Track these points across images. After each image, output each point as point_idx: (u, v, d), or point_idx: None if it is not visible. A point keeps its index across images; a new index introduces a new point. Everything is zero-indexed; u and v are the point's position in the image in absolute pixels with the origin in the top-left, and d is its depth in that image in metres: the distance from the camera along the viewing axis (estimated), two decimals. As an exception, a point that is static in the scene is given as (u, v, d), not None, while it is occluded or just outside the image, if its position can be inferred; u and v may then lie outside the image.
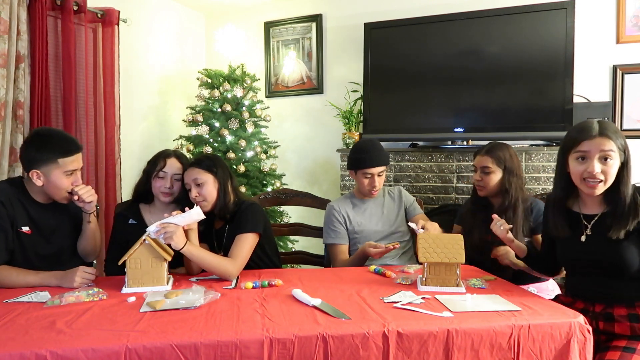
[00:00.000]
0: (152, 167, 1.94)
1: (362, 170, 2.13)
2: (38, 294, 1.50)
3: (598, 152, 1.41)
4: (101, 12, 3.02)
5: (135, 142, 3.46)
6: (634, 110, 2.93)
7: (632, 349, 1.36)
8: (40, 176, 1.68)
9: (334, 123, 3.63)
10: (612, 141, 1.40)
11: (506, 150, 2.04)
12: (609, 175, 1.41)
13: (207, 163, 1.91)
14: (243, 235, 1.82)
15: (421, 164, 3.14)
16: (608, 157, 1.40)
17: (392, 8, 3.44)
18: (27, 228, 1.70)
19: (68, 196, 1.74)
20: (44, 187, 1.71)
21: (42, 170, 1.67)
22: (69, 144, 1.73)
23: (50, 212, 1.78)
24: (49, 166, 1.67)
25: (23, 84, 2.53)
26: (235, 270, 1.72)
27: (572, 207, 1.56)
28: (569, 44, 2.77)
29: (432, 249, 1.59)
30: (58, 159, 1.67)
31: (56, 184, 1.69)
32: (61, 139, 1.75)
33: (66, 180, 1.71)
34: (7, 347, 1.09)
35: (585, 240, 1.49)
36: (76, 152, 1.73)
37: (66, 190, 1.72)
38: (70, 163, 1.70)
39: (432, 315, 1.31)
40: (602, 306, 1.48)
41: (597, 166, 1.41)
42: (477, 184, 2.07)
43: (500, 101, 2.95)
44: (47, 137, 1.72)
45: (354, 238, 2.19)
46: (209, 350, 1.14)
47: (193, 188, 1.87)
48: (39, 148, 1.68)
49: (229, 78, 3.44)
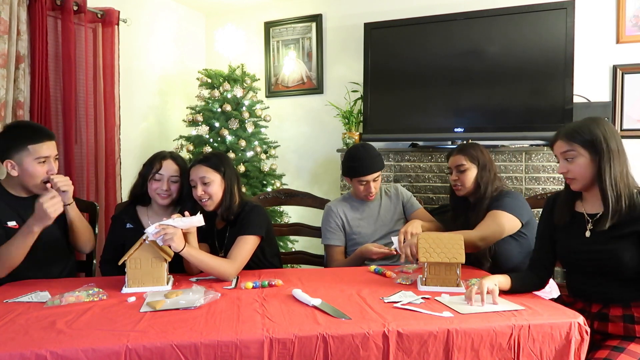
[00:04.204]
0: (147, 170, 1.93)
1: (357, 178, 2.13)
2: (38, 294, 1.51)
3: (559, 153, 1.52)
4: (101, 12, 3.02)
5: (135, 142, 3.46)
6: (634, 110, 2.93)
7: (622, 349, 1.37)
8: (14, 166, 1.72)
9: (334, 123, 3.63)
10: (568, 142, 1.48)
11: (477, 147, 2.09)
12: (576, 174, 1.48)
13: (216, 162, 1.89)
14: (244, 237, 1.81)
15: (421, 164, 3.14)
16: (569, 158, 1.49)
17: (392, 8, 3.44)
18: (13, 223, 1.73)
19: (43, 185, 1.76)
20: (19, 177, 1.74)
21: (15, 159, 1.71)
22: (37, 131, 1.78)
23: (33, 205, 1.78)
24: (21, 154, 1.71)
25: (23, 84, 2.53)
26: (233, 272, 1.72)
27: (576, 207, 1.57)
28: (569, 44, 2.77)
29: (432, 249, 1.59)
30: (27, 146, 1.71)
31: (30, 172, 1.73)
32: (30, 127, 1.82)
33: (39, 168, 1.73)
34: (7, 347, 1.09)
35: (586, 238, 1.50)
36: (46, 139, 1.76)
37: (40, 179, 1.74)
38: (41, 150, 1.73)
39: (432, 315, 1.31)
40: (599, 306, 1.48)
41: (562, 167, 1.52)
42: (454, 184, 2.08)
43: (500, 101, 2.94)
44: (17, 127, 1.81)
45: (352, 239, 2.19)
46: (209, 350, 1.14)
47: (199, 186, 1.85)
48: (10, 137, 1.74)
49: (229, 78, 3.44)
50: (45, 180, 1.75)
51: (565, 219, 1.56)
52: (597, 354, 1.38)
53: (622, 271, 1.43)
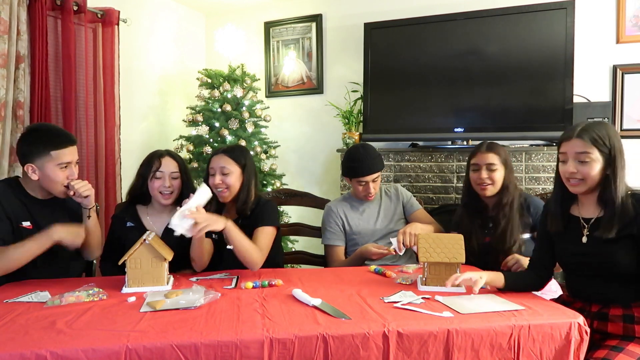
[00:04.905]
0: (147, 169, 1.93)
1: (357, 179, 2.13)
2: (38, 294, 1.50)
3: (573, 153, 1.46)
4: (101, 12, 3.02)
5: (135, 142, 3.46)
6: (634, 110, 2.93)
7: (621, 348, 1.37)
8: (35, 170, 1.70)
9: (334, 123, 3.63)
10: (588, 143, 1.43)
11: (502, 147, 2.06)
12: (587, 176, 1.44)
13: (238, 154, 1.92)
14: (264, 228, 1.85)
15: (421, 164, 3.14)
16: (583, 160, 1.44)
17: (392, 8, 3.44)
18: (28, 223, 1.72)
19: (64, 190, 1.75)
20: (40, 181, 1.73)
21: (37, 163, 1.70)
22: (60, 136, 1.76)
23: (49, 207, 1.79)
24: (43, 159, 1.69)
25: (23, 84, 2.53)
26: (260, 260, 1.77)
27: (572, 211, 1.57)
28: (569, 44, 2.77)
29: (432, 249, 1.59)
30: (50, 152, 1.69)
31: (51, 177, 1.71)
32: (53, 132, 1.78)
33: (61, 173, 1.72)
34: (7, 347, 1.09)
35: (583, 243, 1.50)
36: (69, 145, 1.75)
37: (62, 184, 1.74)
38: (64, 155, 1.72)
39: (432, 315, 1.31)
40: (598, 307, 1.48)
41: (572, 166, 1.46)
42: (483, 182, 1.98)
43: (500, 101, 2.94)
44: (40, 131, 1.77)
45: (352, 239, 2.20)
46: (209, 350, 1.14)
47: (218, 175, 1.87)
48: (32, 141, 1.71)
49: (229, 78, 3.44)
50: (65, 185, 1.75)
51: (559, 227, 1.55)
52: (596, 353, 1.38)
53: (620, 273, 1.44)
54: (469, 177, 2.04)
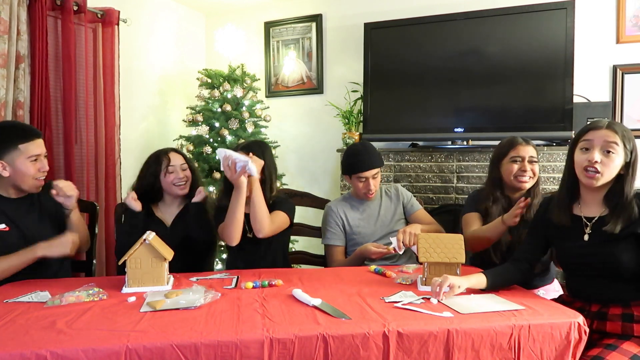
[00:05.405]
0: (157, 167, 2.01)
1: (356, 175, 2.13)
2: (38, 294, 1.50)
3: (601, 142, 1.43)
4: (101, 12, 3.02)
5: (135, 142, 3.46)
6: (634, 110, 2.93)
7: (615, 347, 1.36)
8: (5, 167, 1.72)
9: (334, 123, 3.63)
10: (617, 135, 1.43)
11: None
12: (608, 168, 1.43)
13: (257, 151, 1.96)
14: (279, 212, 1.98)
15: (421, 164, 3.14)
16: (611, 150, 1.42)
17: (392, 8, 3.44)
18: (3, 225, 1.72)
19: (37, 182, 1.77)
20: (11, 178, 1.74)
21: (6, 159, 1.71)
22: (26, 130, 1.80)
23: (24, 206, 1.80)
24: (12, 154, 1.71)
25: (23, 84, 2.53)
26: (268, 228, 1.89)
27: (574, 210, 1.56)
28: (569, 44, 2.76)
29: (432, 249, 1.59)
30: (19, 145, 1.72)
31: (23, 171, 1.73)
32: (18, 126, 1.83)
33: (32, 166, 1.74)
34: (7, 347, 1.09)
35: (585, 242, 1.50)
36: (35, 138, 1.77)
37: (33, 177, 1.76)
38: (33, 148, 1.74)
39: (432, 315, 1.31)
40: (598, 306, 1.48)
41: (597, 156, 1.43)
42: (521, 175, 1.92)
43: (500, 101, 2.94)
44: (5, 128, 1.80)
45: (352, 239, 2.19)
46: (209, 350, 1.14)
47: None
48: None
49: (229, 78, 3.44)
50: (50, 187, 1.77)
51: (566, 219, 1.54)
52: (590, 351, 1.37)
53: (622, 272, 1.44)
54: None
